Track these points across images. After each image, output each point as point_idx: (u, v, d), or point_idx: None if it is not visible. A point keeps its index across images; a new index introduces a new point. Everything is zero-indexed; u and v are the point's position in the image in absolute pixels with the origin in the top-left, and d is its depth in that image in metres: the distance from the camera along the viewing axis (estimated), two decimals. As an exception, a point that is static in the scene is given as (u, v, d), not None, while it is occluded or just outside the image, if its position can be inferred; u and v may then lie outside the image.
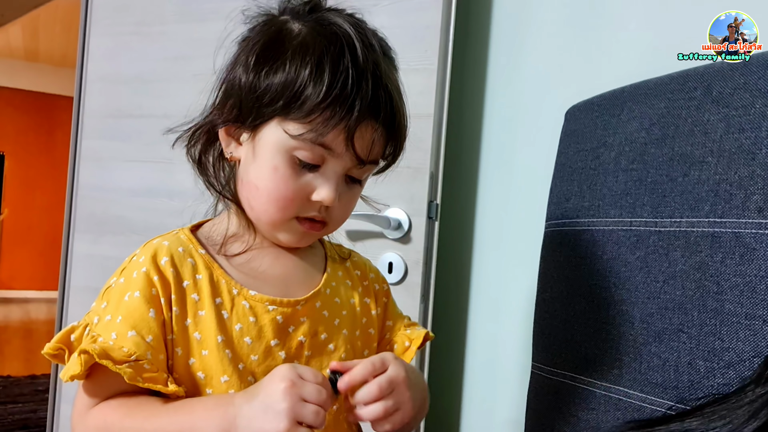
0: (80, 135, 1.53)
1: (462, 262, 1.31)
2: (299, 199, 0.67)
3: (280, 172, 0.66)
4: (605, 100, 0.91)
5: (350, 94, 0.63)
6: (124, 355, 0.61)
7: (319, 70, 0.63)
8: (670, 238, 0.76)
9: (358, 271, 0.81)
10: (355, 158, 0.66)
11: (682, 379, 0.73)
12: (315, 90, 0.63)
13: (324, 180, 0.67)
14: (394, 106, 0.67)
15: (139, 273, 0.65)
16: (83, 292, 1.53)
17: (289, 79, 0.64)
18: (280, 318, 0.69)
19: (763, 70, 0.71)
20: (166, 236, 0.70)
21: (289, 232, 0.70)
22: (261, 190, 0.67)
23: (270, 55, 0.65)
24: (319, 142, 0.64)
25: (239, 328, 0.67)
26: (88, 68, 1.53)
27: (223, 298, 0.68)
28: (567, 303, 0.90)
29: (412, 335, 0.81)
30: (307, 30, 0.67)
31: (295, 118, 0.64)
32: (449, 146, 1.23)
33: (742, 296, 0.68)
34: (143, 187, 1.44)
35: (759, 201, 0.68)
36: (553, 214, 0.97)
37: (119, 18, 1.50)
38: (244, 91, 0.66)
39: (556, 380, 0.90)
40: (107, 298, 0.65)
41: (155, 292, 0.64)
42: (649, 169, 0.80)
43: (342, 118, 0.63)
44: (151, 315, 0.63)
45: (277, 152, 0.66)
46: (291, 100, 0.63)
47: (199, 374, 0.65)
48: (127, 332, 0.62)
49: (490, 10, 1.28)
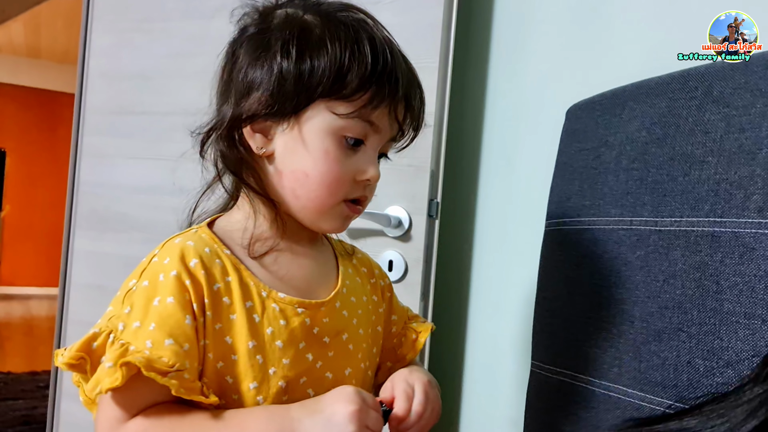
0: (82, 132, 1.53)
1: (462, 261, 1.31)
2: (348, 180, 0.67)
3: (332, 154, 0.66)
4: (606, 99, 0.91)
5: (393, 68, 0.65)
6: (166, 366, 0.58)
7: (359, 49, 0.65)
8: (670, 238, 0.76)
9: (364, 268, 0.81)
10: (397, 131, 0.69)
11: (682, 378, 0.73)
12: (361, 66, 0.64)
13: (367, 158, 0.68)
14: (419, 81, 0.71)
15: (168, 276, 0.62)
16: (84, 290, 1.53)
17: (334, 59, 0.64)
18: (308, 320, 0.68)
19: (763, 70, 0.71)
20: (187, 235, 0.67)
21: (334, 217, 0.69)
22: (311, 176, 0.66)
23: (308, 40, 0.65)
24: (367, 119, 0.66)
25: (270, 331, 0.65)
26: (90, 65, 1.53)
27: (254, 301, 0.66)
28: (567, 302, 0.90)
29: (419, 328, 0.82)
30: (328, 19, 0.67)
31: (342, 98, 0.64)
32: (450, 144, 1.23)
33: (742, 296, 0.68)
34: (145, 184, 1.44)
35: (759, 201, 0.68)
36: (554, 213, 0.97)
37: (121, 14, 1.50)
38: (286, 80, 0.65)
39: (556, 379, 0.90)
40: (130, 303, 0.62)
41: (188, 297, 0.62)
42: (649, 168, 0.81)
43: (389, 91, 0.65)
44: (187, 322, 0.60)
45: (327, 135, 0.66)
46: (338, 79, 0.64)
47: (227, 378, 0.64)
48: (164, 340, 0.59)
49: (492, 9, 1.28)
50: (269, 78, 0.65)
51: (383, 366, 0.81)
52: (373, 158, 0.69)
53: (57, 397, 1.56)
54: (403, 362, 0.81)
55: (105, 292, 1.49)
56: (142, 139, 1.46)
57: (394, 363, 0.81)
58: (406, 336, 0.82)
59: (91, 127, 1.52)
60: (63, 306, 1.56)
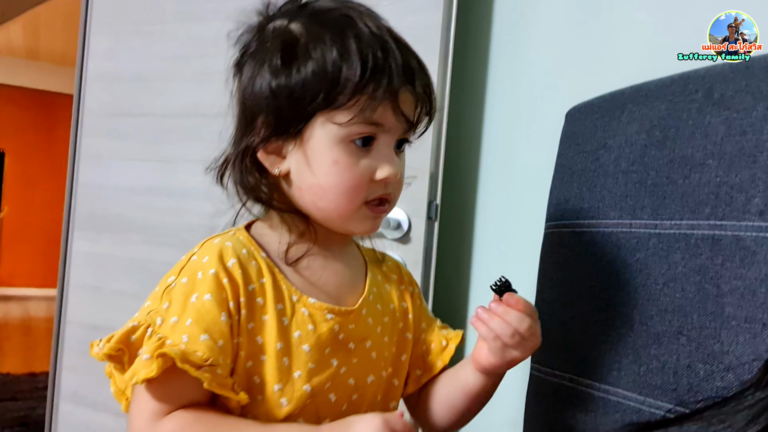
0: (80, 133, 1.53)
1: (461, 263, 1.31)
2: (365, 183, 0.66)
3: (341, 163, 0.65)
4: (605, 101, 0.91)
5: (384, 62, 0.63)
6: (200, 360, 0.59)
7: (345, 50, 0.63)
8: (670, 241, 0.76)
9: (394, 275, 0.81)
10: (406, 124, 0.67)
11: (682, 382, 0.72)
12: (350, 69, 0.62)
13: (381, 157, 0.66)
14: (422, 65, 0.68)
15: (207, 274, 0.63)
16: (82, 291, 1.53)
17: (321, 67, 0.62)
18: (337, 327, 0.68)
19: (764, 73, 0.71)
20: (226, 236, 0.69)
21: (360, 220, 0.68)
22: (327, 188, 0.66)
23: (292, 53, 0.64)
24: (370, 121, 0.64)
25: (298, 335, 0.66)
26: (88, 66, 1.53)
27: (285, 304, 0.66)
28: (566, 304, 0.90)
29: (449, 335, 0.81)
30: (310, 22, 0.66)
31: (339, 106, 0.63)
32: (449, 146, 1.23)
33: (743, 299, 0.68)
34: (142, 185, 1.44)
35: (760, 204, 0.68)
36: (553, 216, 0.97)
37: (119, 17, 1.50)
38: (279, 98, 0.64)
39: (555, 381, 0.90)
40: (169, 298, 0.63)
41: (225, 296, 0.63)
42: (649, 171, 0.80)
43: (386, 87, 0.63)
44: (223, 319, 0.62)
45: (333, 145, 0.65)
46: (330, 88, 0.63)
47: (255, 378, 0.65)
48: (200, 336, 0.60)
49: (491, 11, 1.28)
50: (266, 99, 0.65)
51: (412, 374, 0.80)
52: (389, 155, 0.67)
53: (55, 399, 1.56)
54: (432, 371, 0.80)
55: (103, 293, 1.50)
56: (139, 140, 1.45)
57: (423, 371, 0.80)
58: (435, 343, 0.81)
59: (90, 129, 1.52)
60: (61, 307, 1.56)
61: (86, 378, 1.49)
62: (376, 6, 1.21)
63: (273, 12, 0.69)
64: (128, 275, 1.44)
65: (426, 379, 0.80)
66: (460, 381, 0.76)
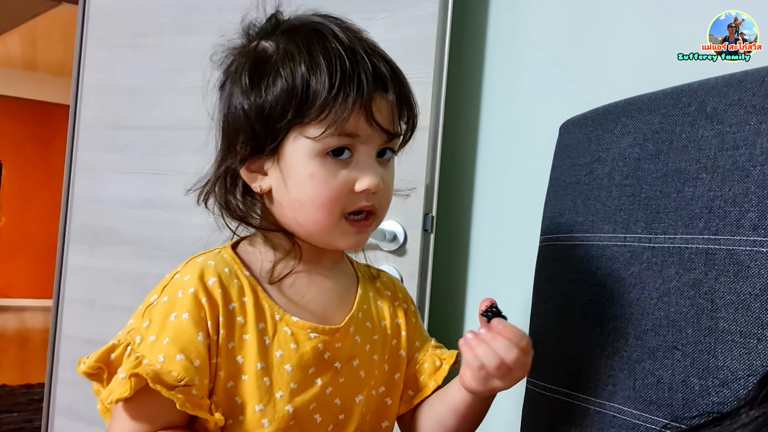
0: (75, 146, 1.53)
1: (457, 275, 1.30)
2: (344, 195, 0.65)
3: (317, 176, 0.64)
4: (599, 114, 0.91)
5: (353, 72, 0.62)
6: (174, 380, 0.59)
7: (313, 63, 0.63)
8: (664, 255, 0.76)
9: (388, 291, 0.80)
10: (383, 132, 0.65)
11: (677, 397, 0.72)
12: (319, 82, 0.62)
13: (361, 168, 0.65)
14: (396, 71, 0.67)
15: (186, 293, 0.63)
16: (77, 304, 1.52)
17: (290, 84, 0.63)
18: (321, 345, 0.67)
19: (757, 87, 0.71)
20: (210, 255, 0.68)
21: (342, 235, 0.68)
22: (305, 202, 0.66)
23: (261, 71, 0.65)
24: (343, 133, 0.63)
25: (280, 354, 0.65)
26: (84, 79, 1.53)
27: (266, 324, 0.66)
28: (561, 318, 0.90)
29: (443, 355, 0.79)
30: (283, 39, 0.66)
31: (311, 121, 0.63)
32: (445, 159, 1.23)
33: (737, 314, 0.67)
34: (138, 198, 1.44)
35: (754, 218, 0.68)
36: (548, 229, 0.97)
37: (114, 30, 1.50)
38: (252, 118, 0.65)
39: (551, 396, 0.89)
40: (149, 317, 0.63)
41: (203, 315, 0.63)
42: (642, 184, 0.80)
43: (355, 98, 0.62)
44: (200, 339, 0.61)
45: (308, 160, 0.64)
46: (300, 103, 0.63)
47: (236, 399, 0.64)
48: (176, 355, 0.60)
49: (485, 24, 1.28)
50: (241, 119, 0.66)
51: (405, 394, 0.78)
52: (369, 165, 0.66)
53: (51, 411, 1.55)
54: (424, 392, 0.78)
55: (97, 306, 1.49)
56: (135, 153, 1.45)
57: (415, 392, 0.78)
58: (429, 363, 0.79)
59: (85, 142, 1.52)
60: (56, 320, 1.55)
61: (81, 392, 1.48)
62: (371, 20, 1.22)
63: (253, 31, 0.70)
64: (123, 289, 1.44)
65: (418, 400, 0.78)
66: (448, 400, 0.74)
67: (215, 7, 1.34)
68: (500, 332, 0.65)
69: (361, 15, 1.23)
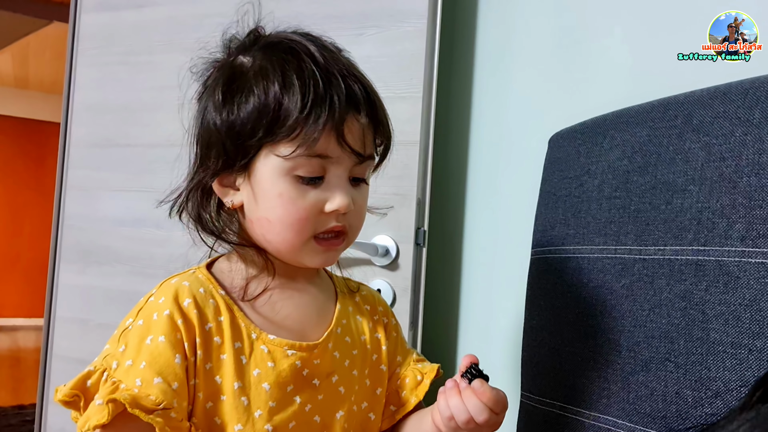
0: (67, 164, 1.53)
1: (450, 289, 1.30)
2: (313, 216, 0.65)
3: (286, 195, 0.64)
4: (587, 127, 0.92)
5: (325, 93, 0.62)
6: (153, 404, 0.58)
7: (287, 83, 0.63)
8: (654, 267, 0.76)
9: (368, 306, 0.80)
10: (354, 155, 0.65)
11: (670, 408, 0.72)
12: (291, 102, 0.62)
13: (332, 189, 0.65)
14: (370, 93, 0.67)
15: (161, 315, 0.62)
16: (69, 323, 1.51)
17: (262, 102, 0.63)
18: (299, 363, 0.67)
19: (741, 99, 0.72)
20: (184, 276, 0.68)
21: (310, 254, 0.67)
22: (273, 221, 0.65)
23: (235, 87, 0.65)
24: (314, 153, 0.63)
25: (257, 373, 0.65)
26: (75, 97, 1.53)
27: (243, 343, 0.66)
28: (554, 331, 0.90)
29: (424, 369, 0.79)
30: (259, 55, 0.66)
31: (282, 139, 0.63)
32: (436, 173, 1.23)
33: (728, 325, 0.68)
34: (130, 216, 1.43)
35: (741, 229, 0.68)
36: (539, 242, 0.97)
37: (106, 48, 1.50)
38: (223, 134, 0.65)
39: (545, 410, 0.89)
40: (125, 341, 0.62)
41: (180, 336, 0.62)
42: (632, 197, 0.81)
43: (326, 119, 0.62)
44: (177, 361, 0.61)
45: (277, 178, 0.64)
46: (271, 122, 0.63)
47: (215, 419, 0.64)
48: (153, 379, 0.59)
49: (474, 39, 1.29)
50: (213, 133, 0.66)
51: (387, 410, 0.78)
52: (340, 186, 0.65)
53: (42, 433, 1.53)
54: (406, 407, 0.77)
55: (89, 326, 1.48)
56: (126, 171, 1.45)
57: (397, 407, 0.78)
58: (410, 378, 0.78)
59: (76, 160, 1.52)
60: (48, 340, 1.53)
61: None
62: (360, 36, 1.23)
63: (234, 45, 0.70)
64: (116, 307, 1.43)
65: (400, 416, 0.77)
66: (423, 429, 0.73)
67: (207, 25, 1.34)
68: (476, 392, 0.64)
69: (351, 31, 1.25)
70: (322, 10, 1.27)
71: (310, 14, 1.27)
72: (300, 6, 1.29)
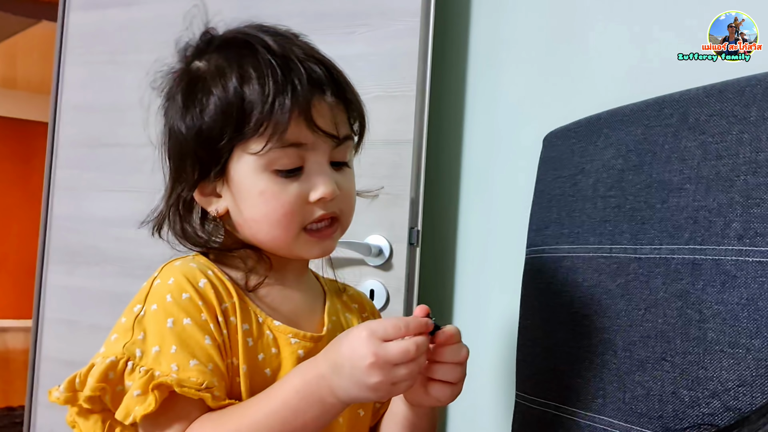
0: (54, 164, 1.51)
1: (444, 289, 1.30)
2: (299, 207, 0.64)
3: (267, 192, 0.64)
4: (582, 126, 0.91)
5: (286, 80, 0.61)
6: (196, 385, 0.58)
7: (245, 77, 0.62)
8: (650, 266, 0.76)
9: (356, 305, 0.80)
10: (328, 137, 0.64)
11: (667, 408, 0.71)
12: (252, 95, 0.61)
13: (314, 177, 0.64)
14: (333, 73, 0.66)
15: (179, 298, 0.61)
16: (58, 324, 1.50)
17: (224, 101, 0.62)
18: (302, 352, 0.66)
19: (738, 97, 0.71)
20: (187, 259, 0.67)
21: (305, 246, 0.67)
22: (260, 220, 0.65)
23: (195, 93, 0.64)
24: (287, 143, 0.62)
25: (261, 358, 0.65)
26: (63, 97, 1.51)
27: (251, 325, 0.65)
28: (549, 331, 0.89)
29: None
30: (214, 56, 0.66)
31: (251, 136, 0.62)
32: (429, 172, 1.22)
33: (725, 324, 0.67)
34: (118, 217, 1.41)
35: (738, 228, 0.68)
36: (533, 241, 0.96)
37: (94, 47, 1.49)
38: (192, 143, 0.64)
39: (540, 410, 0.88)
40: (141, 328, 0.61)
41: (205, 318, 0.62)
42: (627, 196, 0.80)
43: (292, 105, 0.61)
44: (208, 342, 0.61)
45: (256, 177, 0.64)
46: (237, 120, 0.62)
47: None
48: (189, 361, 0.59)
49: (467, 37, 1.29)
50: (182, 144, 0.65)
51: (372, 406, 0.77)
52: (321, 173, 0.65)
53: (31, 435, 1.52)
54: (388, 402, 0.77)
55: (78, 327, 1.46)
56: (115, 171, 1.44)
57: (381, 403, 0.78)
58: None
59: (64, 160, 1.50)
60: (36, 341, 1.52)
61: (62, 415, 1.45)
62: (351, 34, 1.22)
63: (190, 52, 0.69)
64: (105, 308, 1.41)
65: (383, 411, 0.77)
66: (393, 414, 0.73)
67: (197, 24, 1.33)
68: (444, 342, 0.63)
69: (341, 30, 1.24)
70: (311, 8, 1.26)
71: (299, 12, 1.26)
72: (289, 4, 1.28)
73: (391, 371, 0.56)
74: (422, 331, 0.58)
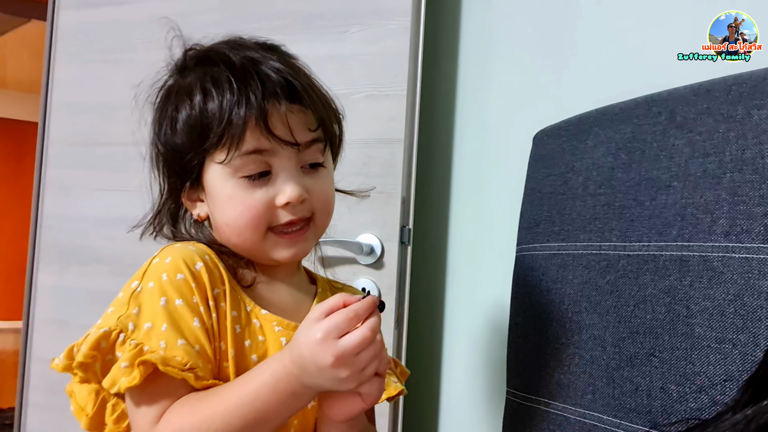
0: (45, 163, 1.51)
1: (435, 287, 1.30)
2: (264, 211, 0.67)
3: (236, 198, 0.67)
4: (572, 125, 0.92)
5: (240, 92, 0.64)
6: (179, 364, 0.59)
7: (206, 93, 0.66)
8: (639, 263, 0.76)
9: None
10: (286, 144, 0.66)
11: (655, 404, 0.72)
12: (213, 109, 0.65)
13: (280, 181, 0.67)
14: (292, 80, 0.67)
15: (173, 278, 0.64)
16: (49, 325, 1.49)
17: (190, 116, 0.67)
18: (284, 340, 0.68)
19: (725, 96, 0.72)
20: (186, 243, 0.70)
21: (275, 248, 0.69)
22: (230, 224, 0.68)
23: (168, 108, 0.69)
24: (247, 151, 0.65)
25: (248, 344, 0.67)
26: (54, 96, 1.51)
27: (240, 312, 0.68)
28: (539, 327, 0.90)
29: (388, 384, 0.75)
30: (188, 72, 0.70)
31: (215, 147, 0.66)
32: (420, 171, 1.23)
33: (712, 320, 0.68)
34: (109, 216, 1.41)
35: (725, 225, 0.68)
36: (524, 239, 0.97)
37: (86, 46, 1.48)
38: (169, 155, 0.69)
39: (531, 406, 0.89)
40: (137, 303, 0.63)
41: (196, 300, 0.64)
42: (616, 193, 0.81)
43: (246, 115, 0.64)
44: (196, 324, 0.62)
45: (225, 184, 0.67)
46: (201, 133, 0.66)
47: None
48: (177, 341, 0.60)
49: (458, 36, 1.29)
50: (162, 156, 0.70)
51: None
52: (288, 178, 0.67)
53: (21, 436, 1.51)
54: None
55: (70, 327, 1.46)
56: (106, 170, 1.43)
57: None
58: None
59: (55, 159, 1.50)
60: (27, 342, 1.51)
61: (52, 416, 1.44)
62: (344, 33, 1.22)
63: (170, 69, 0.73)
64: (97, 308, 1.40)
65: None
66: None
67: (188, 23, 1.33)
68: None
69: (334, 29, 1.24)
70: (305, 8, 1.26)
71: (293, 12, 1.26)
72: (284, 4, 1.28)
73: (356, 361, 0.58)
74: (371, 311, 0.60)
